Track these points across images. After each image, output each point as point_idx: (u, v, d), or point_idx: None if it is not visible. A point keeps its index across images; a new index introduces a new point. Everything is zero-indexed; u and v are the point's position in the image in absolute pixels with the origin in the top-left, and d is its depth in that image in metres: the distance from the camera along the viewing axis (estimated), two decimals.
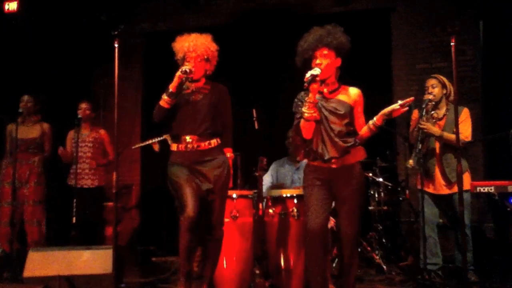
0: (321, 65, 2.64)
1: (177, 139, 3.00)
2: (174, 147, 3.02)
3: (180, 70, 2.84)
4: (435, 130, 3.57)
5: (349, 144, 2.66)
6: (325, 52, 2.67)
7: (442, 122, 3.65)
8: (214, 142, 2.99)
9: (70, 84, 5.78)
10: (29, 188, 4.35)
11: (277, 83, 5.51)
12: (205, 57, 3.01)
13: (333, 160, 2.66)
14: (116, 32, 2.77)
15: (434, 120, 3.62)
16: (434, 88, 3.66)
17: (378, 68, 5.61)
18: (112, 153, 4.54)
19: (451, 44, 2.45)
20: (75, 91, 5.61)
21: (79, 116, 4.46)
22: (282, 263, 3.43)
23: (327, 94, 2.74)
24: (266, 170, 4.15)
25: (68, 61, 5.84)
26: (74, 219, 4.16)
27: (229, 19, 6.09)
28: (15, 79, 5.36)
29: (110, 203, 4.73)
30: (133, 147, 4.47)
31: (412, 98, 2.59)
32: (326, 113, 2.69)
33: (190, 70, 2.85)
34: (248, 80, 5.66)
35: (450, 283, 3.57)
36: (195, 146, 2.94)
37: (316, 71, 2.57)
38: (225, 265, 3.39)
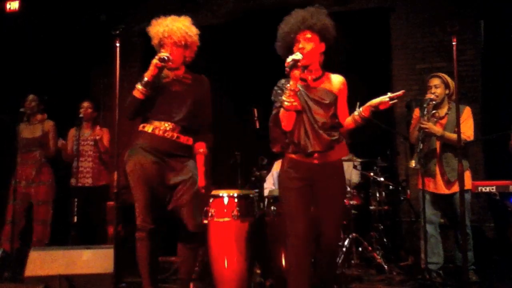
0: (304, 50, 2.45)
1: (153, 122, 2.73)
2: (148, 127, 2.72)
3: (156, 57, 2.63)
4: (437, 129, 3.56)
5: (334, 138, 2.48)
6: (309, 35, 2.48)
7: (443, 121, 3.64)
8: (191, 141, 2.80)
9: (70, 83, 5.78)
10: (36, 187, 4.36)
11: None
12: (183, 43, 2.77)
13: (315, 155, 2.48)
14: (117, 32, 2.74)
15: (435, 120, 3.61)
16: (437, 88, 3.63)
17: (378, 67, 5.61)
18: (109, 149, 4.57)
19: (453, 44, 2.43)
20: (75, 91, 5.61)
21: (81, 115, 4.46)
22: (283, 263, 3.43)
23: (311, 82, 2.56)
24: (266, 170, 4.15)
25: (68, 61, 5.83)
26: (75, 219, 4.16)
27: (229, 19, 6.09)
28: (16, 78, 5.37)
29: (111, 203, 4.73)
30: None
31: (402, 91, 2.51)
32: (310, 102, 2.51)
33: (168, 58, 2.63)
34: (248, 80, 5.66)
35: (450, 283, 3.57)
36: (175, 136, 2.71)
37: (297, 55, 2.38)
38: (226, 265, 3.38)
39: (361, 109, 2.52)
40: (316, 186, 2.52)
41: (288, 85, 2.42)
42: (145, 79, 2.65)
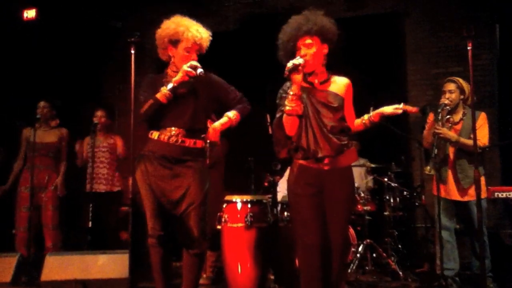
0: (307, 56, 2.43)
1: (160, 128, 2.69)
2: (154, 134, 2.69)
3: (188, 65, 2.59)
4: (451, 135, 3.52)
5: (344, 143, 2.44)
6: (308, 41, 2.46)
7: (458, 127, 3.60)
8: (199, 143, 2.72)
9: (84, 89, 5.86)
10: (47, 193, 4.42)
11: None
12: (202, 52, 2.77)
13: (325, 161, 2.45)
14: (132, 39, 2.77)
15: (450, 125, 3.57)
16: (452, 93, 3.59)
17: (393, 72, 5.59)
18: (124, 153, 4.63)
19: (468, 48, 2.41)
20: (89, 97, 5.69)
21: (95, 121, 4.52)
22: (296, 269, 3.42)
23: (318, 85, 2.53)
24: (280, 175, 4.15)
25: (82, 67, 5.92)
26: (89, 224, 4.21)
27: (239, 24, 6.11)
28: (31, 84, 5.47)
29: (124, 208, 4.78)
30: None
31: (416, 109, 2.55)
32: (317, 106, 2.47)
33: (201, 73, 2.57)
34: (260, 85, 5.66)
35: None
36: (180, 140, 2.65)
37: (298, 60, 2.36)
38: (239, 271, 3.39)
39: (371, 113, 2.52)
40: (326, 191, 2.49)
41: (290, 89, 2.42)
42: (173, 84, 2.61)
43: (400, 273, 4.12)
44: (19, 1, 5.60)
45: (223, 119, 2.76)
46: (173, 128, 2.66)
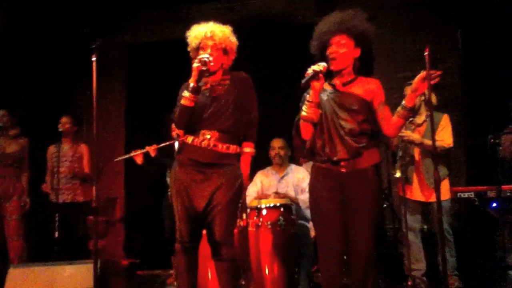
0: (333, 54, 2.39)
1: (194, 132, 2.63)
2: (189, 139, 2.63)
3: (196, 60, 2.54)
4: (416, 137, 3.59)
5: (361, 145, 2.37)
6: (343, 41, 2.40)
7: (422, 129, 3.67)
8: (233, 148, 2.65)
9: (52, 98, 5.74)
10: (12, 203, 4.30)
11: (261, 94, 5.52)
12: (223, 46, 2.68)
13: (342, 163, 2.38)
14: (94, 46, 2.72)
15: (413, 127, 3.64)
16: None
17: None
18: (88, 168, 4.53)
19: (425, 54, 2.46)
20: (57, 105, 5.57)
21: (60, 129, 4.43)
22: (267, 273, 3.42)
23: (340, 86, 2.45)
24: (250, 180, 4.14)
25: (50, 75, 5.80)
26: (56, 234, 4.12)
27: None
28: None
29: (92, 217, 4.69)
30: (115, 160, 4.44)
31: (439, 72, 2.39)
32: (336, 108, 2.40)
33: (208, 59, 2.51)
34: None
35: None
36: (212, 144, 2.59)
37: (319, 66, 2.29)
38: (209, 277, 3.37)
39: (403, 102, 2.41)
40: (346, 194, 2.40)
41: (308, 95, 2.36)
42: (191, 85, 2.54)
43: None
44: None
45: (245, 159, 2.73)
46: (207, 132, 2.61)
